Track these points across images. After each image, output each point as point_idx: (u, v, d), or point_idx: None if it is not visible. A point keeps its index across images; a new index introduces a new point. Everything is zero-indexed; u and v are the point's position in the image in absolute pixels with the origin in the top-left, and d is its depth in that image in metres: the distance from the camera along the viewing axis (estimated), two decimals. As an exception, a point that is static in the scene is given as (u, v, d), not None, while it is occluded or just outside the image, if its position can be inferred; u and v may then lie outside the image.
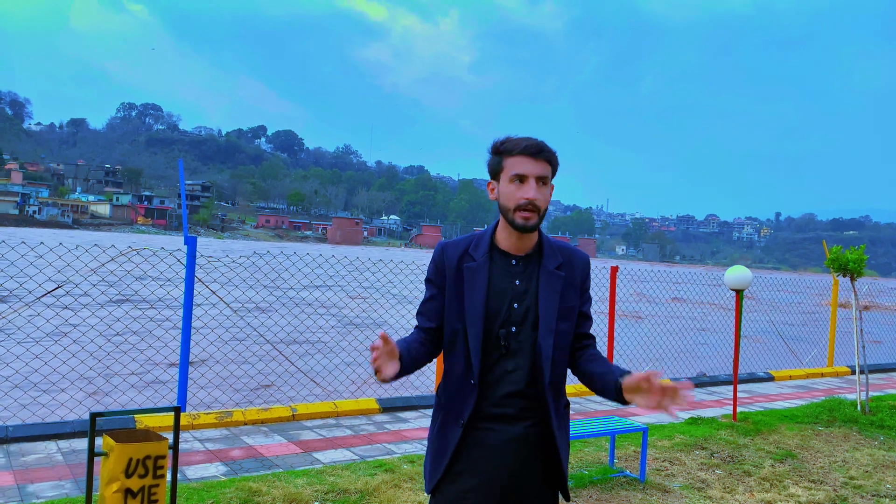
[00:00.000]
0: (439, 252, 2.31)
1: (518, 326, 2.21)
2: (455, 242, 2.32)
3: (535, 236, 2.28)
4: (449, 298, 2.26)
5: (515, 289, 2.23)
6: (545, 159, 2.17)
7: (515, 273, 2.25)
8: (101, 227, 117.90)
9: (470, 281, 2.23)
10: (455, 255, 2.27)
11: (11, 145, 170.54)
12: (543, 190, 2.18)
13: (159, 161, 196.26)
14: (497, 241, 2.28)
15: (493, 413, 2.20)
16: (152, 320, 12.95)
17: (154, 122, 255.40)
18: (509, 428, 2.20)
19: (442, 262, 2.29)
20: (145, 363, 8.75)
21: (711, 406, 8.30)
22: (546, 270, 2.25)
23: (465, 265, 2.25)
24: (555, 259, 2.27)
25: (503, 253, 2.26)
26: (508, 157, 2.19)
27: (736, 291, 7.03)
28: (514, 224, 2.17)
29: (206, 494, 4.47)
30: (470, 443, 2.21)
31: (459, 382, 2.23)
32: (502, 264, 2.25)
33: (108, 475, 3.67)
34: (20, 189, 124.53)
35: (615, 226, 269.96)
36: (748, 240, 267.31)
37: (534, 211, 2.15)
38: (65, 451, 5.45)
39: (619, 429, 5.38)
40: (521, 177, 2.16)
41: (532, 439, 2.22)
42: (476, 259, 2.25)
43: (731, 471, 5.56)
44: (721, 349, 13.29)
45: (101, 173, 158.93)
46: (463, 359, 2.22)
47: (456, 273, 2.25)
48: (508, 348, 2.20)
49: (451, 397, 2.26)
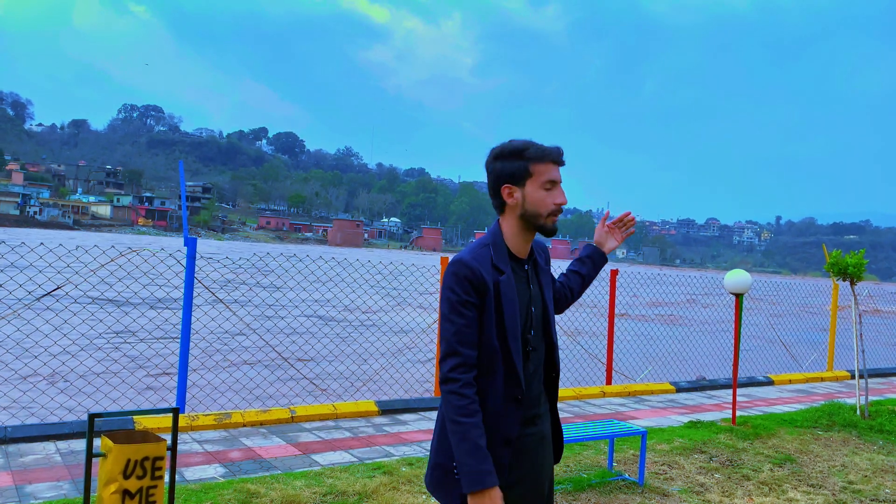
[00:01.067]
0: (471, 271, 2.13)
1: (535, 329, 2.27)
2: (478, 258, 2.18)
3: None
4: (489, 316, 2.14)
5: (531, 294, 2.28)
6: (563, 165, 2.31)
7: (529, 277, 2.30)
8: (102, 229, 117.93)
9: (507, 294, 2.17)
10: (488, 272, 2.16)
11: (13, 146, 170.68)
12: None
13: (160, 162, 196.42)
14: (511, 248, 2.28)
15: (532, 415, 2.26)
16: (151, 321, 12.95)
17: (155, 123, 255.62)
18: (536, 429, 2.27)
19: (479, 280, 2.13)
20: (144, 364, 8.75)
21: (711, 410, 8.30)
22: (542, 269, 2.36)
23: (499, 279, 2.18)
24: (540, 255, 2.39)
25: (517, 259, 2.29)
26: (538, 163, 2.22)
27: (736, 295, 7.03)
28: (545, 228, 2.24)
29: (204, 496, 4.46)
30: (515, 456, 2.19)
31: (502, 401, 2.14)
32: (519, 271, 2.27)
33: (107, 476, 3.67)
34: (21, 190, 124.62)
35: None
36: (748, 243, 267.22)
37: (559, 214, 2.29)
38: (63, 451, 5.45)
39: (618, 432, 5.38)
40: (552, 183, 2.24)
41: (547, 436, 2.34)
42: (504, 271, 2.20)
43: (729, 475, 5.56)
44: (720, 353, 13.28)
45: (102, 174, 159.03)
46: (502, 377, 2.14)
47: (495, 290, 2.16)
48: (533, 351, 2.26)
49: (499, 417, 2.14)
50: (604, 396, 8.74)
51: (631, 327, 15.49)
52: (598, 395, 8.71)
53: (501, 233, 2.27)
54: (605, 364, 9.35)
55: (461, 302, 2.12)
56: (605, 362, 9.40)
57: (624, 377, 10.34)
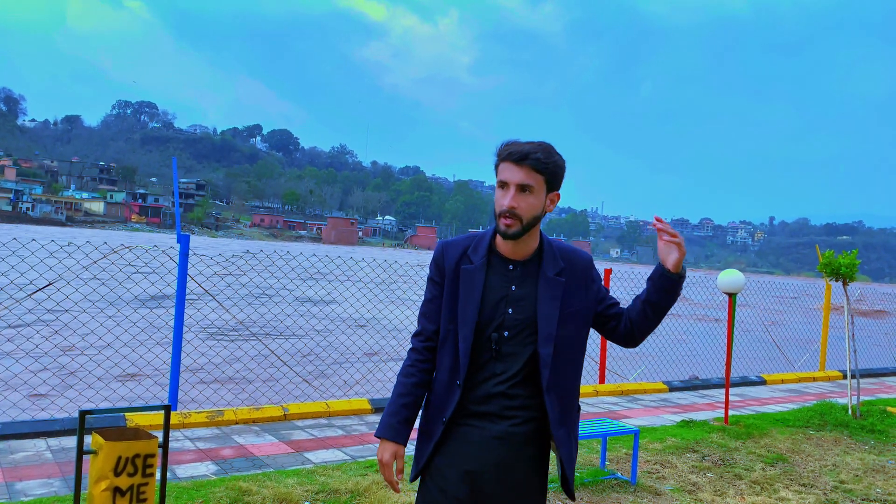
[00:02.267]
0: (440, 251, 2.32)
1: (511, 332, 2.21)
2: (455, 242, 2.33)
3: (533, 241, 2.26)
4: (445, 298, 2.27)
5: (512, 294, 2.22)
6: (530, 166, 2.13)
7: (513, 278, 2.24)
8: (95, 225, 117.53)
9: (467, 283, 2.23)
10: (454, 256, 2.28)
11: (5, 142, 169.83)
12: (527, 198, 2.14)
13: (154, 159, 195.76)
14: (496, 245, 2.28)
15: (477, 411, 2.23)
16: (144, 318, 12.90)
17: (149, 119, 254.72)
18: (491, 426, 2.21)
19: (442, 261, 2.30)
20: (136, 361, 8.72)
21: (703, 409, 8.32)
22: (545, 277, 2.24)
23: (462, 266, 2.26)
24: (555, 265, 2.25)
25: (501, 257, 2.26)
26: (500, 161, 2.19)
27: (729, 295, 7.05)
28: (498, 230, 2.18)
29: (195, 493, 4.45)
30: (451, 438, 2.25)
31: (447, 381, 2.27)
32: (500, 269, 2.25)
33: (97, 473, 3.65)
34: (13, 185, 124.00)
35: (610, 228, 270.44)
36: (742, 244, 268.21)
37: (514, 218, 2.13)
38: (54, 448, 5.42)
39: (611, 431, 5.38)
40: (503, 183, 2.16)
41: (517, 438, 2.22)
42: (474, 262, 2.25)
43: (721, 474, 5.57)
44: (713, 352, 13.31)
45: (95, 171, 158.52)
46: (451, 359, 2.25)
47: (454, 274, 2.26)
48: (499, 352, 2.21)
49: (438, 394, 2.30)
50: (597, 395, 8.75)
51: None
52: (591, 394, 8.72)
53: (495, 230, 2.27)
54: (599, 363, 9.35)
55: (429, 278, 2.35)
56: (598, 361, 9.41)
57: (617, 376, 10.36)
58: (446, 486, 2.23)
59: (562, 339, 2.22)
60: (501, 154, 2.18)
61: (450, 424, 2.26)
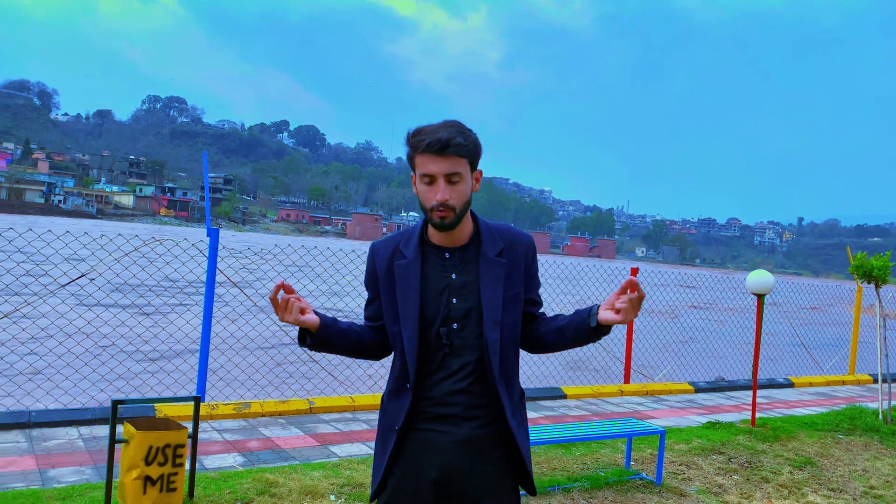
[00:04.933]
0: (370, 255, 2.20)
1: (460, 322, 2.08)
2: (385, 241, 2.20)
3: (466, 227, 2.13)
4: (384, 301, 2.15)
5: (452, 283, 2.09)
6: (454, 154, 1.99)
7: (451, 267, 2.11)
8: (125, 218, 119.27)
9: (402, 280, 2.11)
10: (385, 255, 2.16)
11: (39, 135, 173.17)
12: (457, 187, 2.02)
13: (183, 153, 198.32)
14: (428, 236, 2.14)
15: (437, 414, 2.09)
16: (174, 310, 13.08)
17: (178, 114, 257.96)
18: (455, 429, 2.08)
19: (373, 264, 2.19)
20: (166, 353, 8.85)
21: (730, 411, 8.24)
22: (486, 259, 2.10)
23: (395, 263, 2.13)
24: (494, 245, 2.12)
25: (435, 247, 2.13)
26: (417, 154, 2.03)
27: (757, 296, 6.97)
28: (433, 224, 2.05)
29: (223, 484, 4.51)
30: (411, 447, 2.11)
31: (398, 387, 2.14)
32: (435, 259, 2.12)
33: (129, 462, 3.72)
34: (46, 178, 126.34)
35: (635, 227, 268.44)
36: (770, 244, 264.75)
37: (447, 210, 2.01)
38: (86, 437, 5.53)
39: (636, 431, 5.35)
40: (428, 177, 2.01)
41: (482, 439, 2.10)
42: (407, 256, 2.12)
43: (748, 476, 5.52)
44: (739, 354, 13.17)
45: (125, 164, 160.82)
46: (400, 363, 2.13)
47: (387, 273, 2.14)
48: (452, 346, 2.08)
49: (391, 401, 2.18)
50: (622, 395, 8.71)
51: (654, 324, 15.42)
52: (616, 394, 8.68)
53: (425, 220, 2.14)
54: (624, 363, 9.30)
55: (365, 282, 2.25)
56: (623, 361, 9.36)
57: (642, 376, 10.29)
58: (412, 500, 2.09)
59: (505, 326, 2.10)
60: (417, 145, 2.01)
61: (407, 432, 2.11)
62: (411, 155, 2.06)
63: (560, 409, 7.72)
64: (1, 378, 7.52)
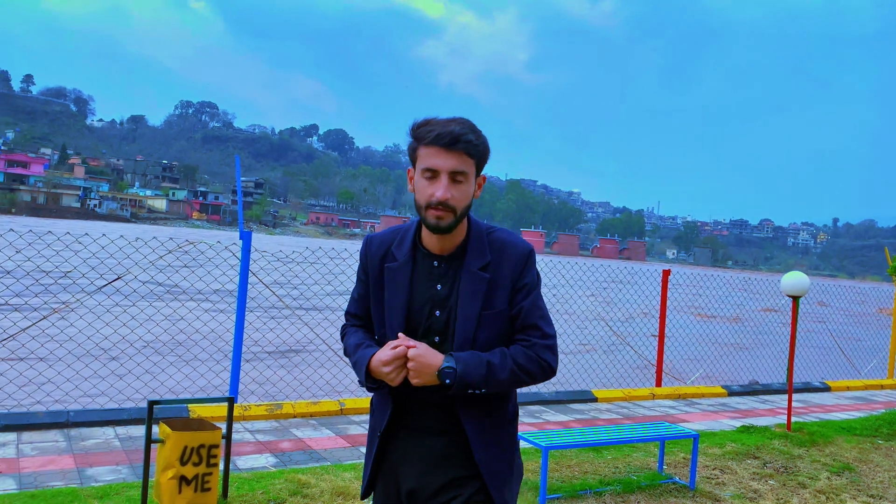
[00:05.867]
0: (364, 247, 2.12)
1: (441, 336, 1.99)
2: (381, 237, 2.11)
3: (460, 234, 2.00)
4: (372, 301, 2.09)
5: (437, 294, 1.99)
6: (463, 151, 1.88)
7: (438, 276, 2.00)
8: (158, 222, 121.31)
9: (391, 284, 2.02)
10: (378, 254, 2.07)
11: (75, 141, 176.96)
12: (460, 187, 1.90)
13: (214, 158, 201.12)
14: (422, 239, 2.03)
15: (416, 424, 2.04)
16: (207, 312, 13.26)
17: (210, 119, 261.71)
18: (432, 441, 2.02)
19: (366, 258, 2.10)
20: (199, 354, 8.97)
21: (764, 415, 8.11)
22: (468, 272, 1.97)
23: (386, 265, 2.04)
24: (481, 258, 1.98)
25: (427, 253, 2.02)
26: (422, 146, 1.91)
27: (792, 298, 6.85)
28: (427, 223, 1.93)
29: (256, 484, 4.55)
30: (388, 456, 2.09)
31: (379, 392, 2.10)
32: (425, 266, 2.01)
33: (164, 462, 3.77)
34: (82, 183, 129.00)
35: (666, 229, 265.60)
36: (804, 246, 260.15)
37: (447, 210, 1.89)
38: (122, 436, 5.62)
39: (669, 435, 5.29)
40: (431, 171, 1.89)
41: (458, 453, 2.01)
42: (398, 259, 2.02)
43: (784, 482, 5.42)
44: (773, 357, 12.95)
45: (158, 169, 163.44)
46: None
47: (378, 273, 2.06)
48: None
49: (376, 406, 2.14)
50: (653, 399, 8.62)
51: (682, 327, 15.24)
52: (648, 397, 8.59)
53: (420, 222, 2.03)
54: (655, 366, 9.21)
55: (357, 274, 2.16)
56: (654, 364, 9.27)
57: (674, 380, 10.18)
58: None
59: (482, 344, 1.96)
60: (424, 137, 1.90)
61: (388, 439, 2.07)
62: (414, 147, 1.94)
63: (590, 413, 7.66)
64: (40, 378, 7.69)
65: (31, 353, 8.65)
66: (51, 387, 7.73)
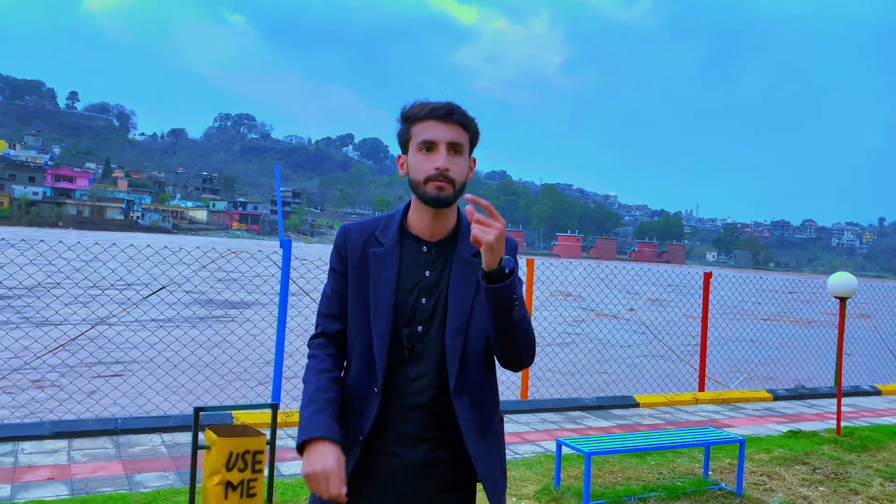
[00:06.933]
0: (341, 236, 1.99)
1: (425, 325, 1.89)
2: (361, 224, 2.01)
3: (451, 219, 1.95)
4: (352, 291, 1.94)
5: (425, 280, 1.91)
6: (457, 122, 1.87)
7: (426, 262, 1.93)
8: (199, 232, 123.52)
9: (376, 270, 1.92)
10: (359, 240, 1.96)
11: (118, 155, 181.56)
12: (457, 159, 1.87)
13: (252, 169, 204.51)
14: (408, 224, 1.96)
15: (395, 430, 1.89)
16: (249, 320, 13.45)
17: (248, 131, 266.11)
18: (406, 451, 1.88)
19: (344, 247, 1.97)
20: (242, 361, 9.11)
21: (812, 420, 7.92)
22: (460, 258, 1.92)
23: (370, 250, 1.94)
24: (473, 245, 1.85)
25: (414, 238, 1.95)
26: (416, 122, 1.89)
27: (840, 299, 6.69)
28: (426, 197, 1.86)
29: (300, 491, 4.60)
30: (365, 465, 1.91)
31: (360, 390, 1.92)
32: (412, 251, 1.94)
33: (210, 468, 3.83)
34: (125, 196, 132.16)
35: (705, 231, 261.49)
36: (849, 246, 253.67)
37: (447, 182, 1.84)
38: (168, 443, 5.73)
39: (714, 440, 5.20)
40: (429, 144, 1.86)
41: (434, 466, 1.89)
42: (384, 244, 1.94)
43: (835, 488, 5.28)
44: (819, 360, 12.65)
45: (198, 180, 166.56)
46: (365, 363, 1.92)
47: (360, 261, 1.94)
48: (412, 351, 1.89)
49: (350, 407, 1.93)
50: (696, 403, 8.48)
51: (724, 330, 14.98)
52: (691, 402, 8.46)
53: (407, 208, 1.99)
54: (698, 370, 9.07)
55: (330, 269, 2.01)
56: (697, 368, 9.12)
57: (717, 384, 10.00)
58: None
59: (477, 332, 1.89)
60: (418, 113, 1.88)
61: (370, 445, 1.90)
62: (407, 127, 1.91)
63: (632, 418, 7.57)
64: (89, 386, 7.89)
65: (80, 363, 8.88)
66: (99, 395, 7.92)
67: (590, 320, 19.08)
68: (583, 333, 16.98)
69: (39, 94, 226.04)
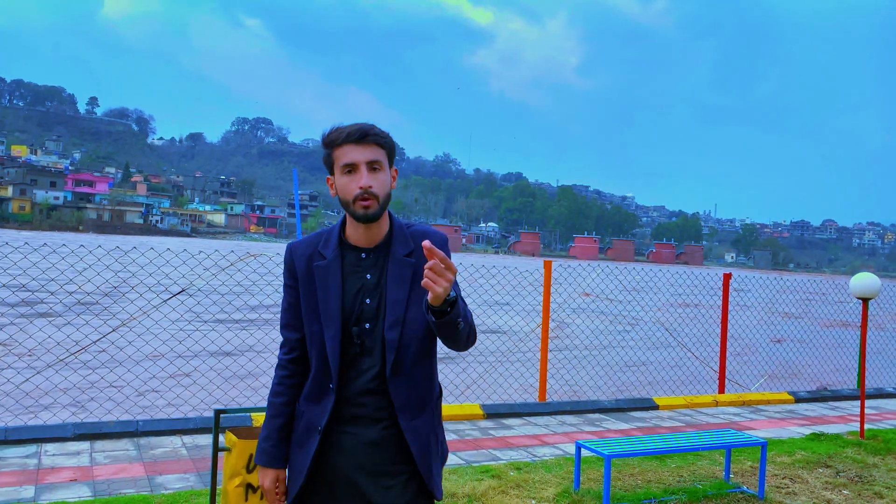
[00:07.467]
0: (288, 254, 2.24)
1: (372, 322, 2.13)
2: (303, 242, 2.24)
3: (384, 226, 2.18)
4: (304, 301, 2.19)
5: (367, 283, 2.15)
6: (373, 143, 2.09)
7: (366, 267, 2.16)
8: (217, 236, 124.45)
9: (322, 280, 2.16)
10: (304, 256, 2.20)
11: (137, 159, 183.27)
12: (378, 175, 2.09)
13: (270, 172, 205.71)
14: (346, 236, 2.20)
15: (351, 414, 2.14)
16: (268, 322, 13.53)
17: (265, 135, 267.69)
18: (364, 430, 2.13)
19: (292, 264, 2.22)
20: (260, 364, 9.16)
21: (834, 422, 7.82)
22: (395, 259, 2.15)
23: (315, 264, 2.17)
24: (405, 246, 2.17)
25: (353, 247, 2.18)
26: (336, 148, 2.11)
27: (862, 300, 6.61)
28: (357, 216, 2.09)
29: (319, 492, 4.61)
30: (326, 450, 2.16)
31: (318, 388, 2.18)
32: (353, 259, 2.17)
33: (231, 470, 3.85)
34: (144, 200, 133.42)
35: (724, 232, 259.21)
36: (870, 246, 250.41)
37: (372, 198, 2.07)
38: (188, 445, 5.77)
39: (735, 442, 5.16)
40: (350, 166, 2.08)
41: (389, 440, 2.14)
42: (326, 256, 2.17)
43: (859, 492, 5.22)
44: (841, 361, 12.49)
45: (216, 184, 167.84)
46: (321, 362, 2.16)
47: (307, 274, 2.18)
48: (363, 346, 2.13)
49: (310, 404, 2.20)
50: (716, 406, 8.41)
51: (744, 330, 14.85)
52: (711, 405, 8.39)
53: (344, 222, 2.21)
54: (718, 372, 8.99)
55: (284, 285, 2.24)
56: (717, 370, 9.05)
57: (738, 386, 9.91)
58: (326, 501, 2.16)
59: (411, 323, 2.12)
60: (336, 139, 2.10)
61: (328, 434, 2.15)
62: (329, 152, 2.13)
63: (652, 421, 7.53)
64: (110, 389, 7.97)
65: (102, 365, 8.97)
66: (121, 397, 7.99)
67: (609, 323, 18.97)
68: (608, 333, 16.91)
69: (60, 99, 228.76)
